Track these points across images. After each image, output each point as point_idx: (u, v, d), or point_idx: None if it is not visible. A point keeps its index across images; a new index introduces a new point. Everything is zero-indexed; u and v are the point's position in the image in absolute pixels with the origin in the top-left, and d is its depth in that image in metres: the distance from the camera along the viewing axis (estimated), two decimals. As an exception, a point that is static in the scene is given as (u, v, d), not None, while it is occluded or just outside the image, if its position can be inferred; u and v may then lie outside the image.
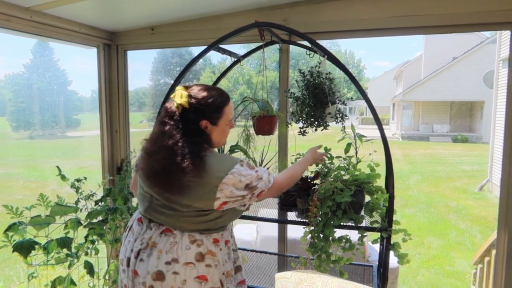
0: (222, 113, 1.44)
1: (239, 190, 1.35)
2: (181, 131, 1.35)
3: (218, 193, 1.33)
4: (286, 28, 1.89)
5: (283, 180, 1.51)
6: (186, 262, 1.35)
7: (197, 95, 1.40)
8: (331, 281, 1.05)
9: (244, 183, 1.35)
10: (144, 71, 55.18)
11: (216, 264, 1.40)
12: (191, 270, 1.35)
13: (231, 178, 1.34)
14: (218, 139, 1.48)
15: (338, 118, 2.02)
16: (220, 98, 1.44)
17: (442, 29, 2.22)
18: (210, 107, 1.41)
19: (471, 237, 6.47)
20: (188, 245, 1.37)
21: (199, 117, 1.39)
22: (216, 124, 1.43)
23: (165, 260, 1.35)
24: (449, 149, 17.68)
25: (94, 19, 2.51)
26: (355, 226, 1.72)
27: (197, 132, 1.38)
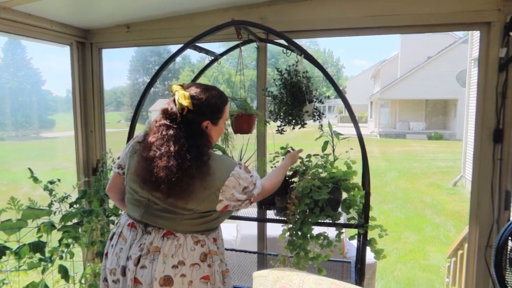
0: (223, 113, 1.46)
1: (239, 193, 1.38)
2: (184, 135, 1.33)
3: (221, 196, 1.35)
4: (262, 26, 1.89)
5: (269, 187, 1.55)
6: (193, 263, 1.36)
7: (200, 96, 1.38)
8: (308, 278, 1.06)
9: (242, 186, 1.39)
10: (121, 70, 54.18)
11: (219, 263, 1.44)
12: (197, 271, 1.36)
13: (232, 181, 1.36)
14: (215, 138, 1.51)
15: (315, 116, 2.03)
16: (221, 98, 1.46)
17: (416, 28, 2.27)
18: (213, 107, 1.41)
19: (445, 231, 6.68)
20: (193, 247, 1.37)
21: (201, 117, 1.38)
22: (217, 124, 1.45)
23: (172, 264, 1.33)
24: (425, 146, 18.17)
25: (66, 17, 2.44)
26: (333, 223, 1.74)
27: (200, 134, 1.38)
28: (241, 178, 1.39)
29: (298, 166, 1.97)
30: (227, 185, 1.35)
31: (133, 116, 2.02)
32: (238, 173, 1.39)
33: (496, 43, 2.04)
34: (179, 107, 1.34)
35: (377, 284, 4.30)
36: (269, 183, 1.56)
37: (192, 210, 1.35)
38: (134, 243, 1.38)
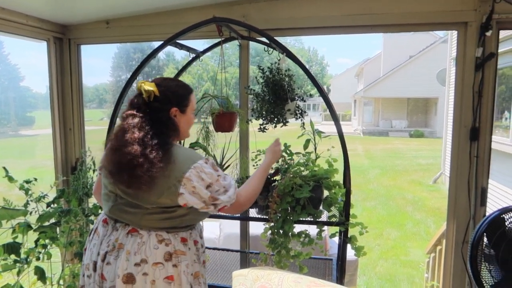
0: (189, 101, 1.46)
1: (201, 189, 1.31)
2: (150, 122, 1.33)
3: (181, 189, 1.29)
4: (244, 24, 1.88)
5: (244, 199, 1.46)
6: (155, 262, 1.32)
7: (165, 83, 1.42)
8: (287, 277, 1.06)
9: (206, 182, 1.32)
10: (104, 67, 53.18)
11: (186, 264, 1.38)
12: (160, 270, 1.32)
13: (193, 173, 1.30)
14: (185, 128, 1.48)
15: (297, 114, 2.03)
16: (185, 86, 1.48)
17: (397, 27, 2.30)
18: (179, 94, 1.43)
19: (426, 227, 6.82)
20: (156, 245, 1.33)
21: (168, 104, 1.39)
22: (185, 112, 1.44)
23: (135, 262, 1.31)
24: (407, 143, 18.51)
25: (43, 11, 2.37)
26: (314, 221, 1.75)
27: (166, 122, 1.38)
28: (204, 172, 1.32)
29: (280, 165, 1.97)
30: (188, 177, 1.29)
31: (113, 113, 1.98)
32: (201, 167, 1.33)
33: (472, 43, 2.08)
34: (145, 95, 1.35)
35: (359, 280, 4.35)
36: (244, 195, 1.45)
37: (154, 203, 1.32)
38: (104, 239, 1.39)
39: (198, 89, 33.25)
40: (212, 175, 1.35)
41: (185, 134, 1.51)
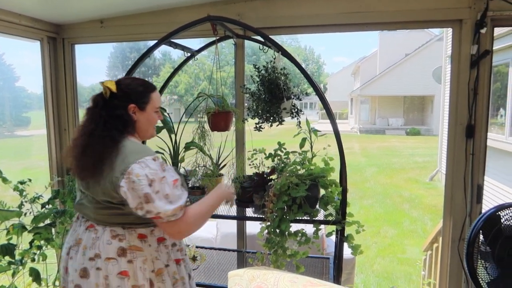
0: (150, 98, 1.45)
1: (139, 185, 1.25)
2: (104, 117, 1.36)
3: (122, 181, 1.26)
4: (239, 22, 1.87)
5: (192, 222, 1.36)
6: (108, 257, 1.32)
7: (125, 81, 1.45)
8: (283, 277, 1.06)
9: (149, 179, 1.26)
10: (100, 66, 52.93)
11: (143, 260, 1.35)
12: (113, 266, 1.32)
13: (136, 167, 1.26)
14: (146, 126, 1.46)
15: (293, 113, 2.03)
16: (146, 84, 1.48)
17: (392, 25, 2.30)
18: (138, 91, 1.43)
19: (422, 225, 6.84)
20: (109, 240, 1.34)
21: (127, 101, 1.40)
22: (144, 109, 1.44)
23: (89, 256, 1.34)
24: (403, 141, 18.56)
25: (36, 11, 2.35)
26: (310, 220, 1.75)
27: (122, 117, 1.38)
28: (148, 167, 1.27)
29: (276, 163, 1.97)
30: (130, 171, 1.25)
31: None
32: (147, 163, 1.28)
33: (467, 40, 2.08)
34: (104, 91, 1.39)
35: (356, 278, 4.36)
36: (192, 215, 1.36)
37: (102, 196, 1.33)
38: (71, 233, 1.45)
39: (195, 88, 33.20)
40: (157, 172, 1.28)
41: (147, 132, 1.49)
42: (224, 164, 2.11)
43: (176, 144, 2.02)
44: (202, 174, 1.99)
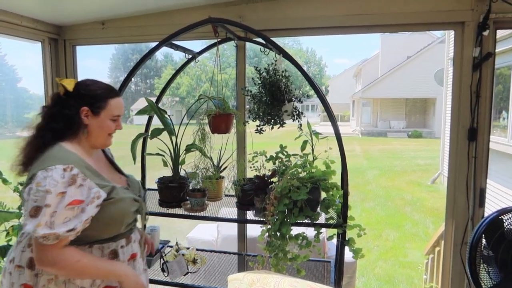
0: (107, 104, 1.37)
1: (33, 194, 1.15)
2: (53, 114, 1.33)
3: (27, 187, 1.19)
4: (240, 24, 1.86)
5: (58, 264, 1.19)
6: (18, 265, 1.27)
7: (86, 82, 1.40)
8: (283, 281, 1.04)
9: (44, 188, 1.14)
10: (101, 68, 53.06)
11: (49, 279, 1.23)
12: (20, 275, 1.25)
13: (40, 174, 1.17)
14: (97, 133, 1.36)
15: (294, 116, 2.02)
16: (108, 90, 1.40)
17: (394, 27, 2.29)
18: (95, 94, 1.36)
19: (424, 228, 6.81)
20: (24, 247, 1.28)
21: (81, 103, 1.34)
22: (98, 115, 1.36)
23: (10, 258, 1.32)
24: (405, 144, 18.52)
25: (38, 12, 2.35)
26: (311, 223, 1.74)
27: (71, 118, 1.32)
28: (51, 177, 1.15)
29: (277, 166, 1.95)
30: (34, 177, 1.17)
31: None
32: (52, 171, 1.16)
33: (470, 43, 2.07)
34: (60, 89, 1.35)
35: (358, 281, 4.34)
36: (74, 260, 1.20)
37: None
38: None
39: (197, 90, 33.24)
40: (57, 185, 1.15)
41: (97, 139, 1.38)
42: (225, 166, 2.10)
43: (177, 146, 2.01)
44: (202, 177, 1.98)
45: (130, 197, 1.38)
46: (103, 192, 1.26)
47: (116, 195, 1.30)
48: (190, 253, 2.13)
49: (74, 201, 1.18)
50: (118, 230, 1.34)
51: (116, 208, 1.30)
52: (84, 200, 1.20)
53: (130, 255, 1.42)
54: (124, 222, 1.35)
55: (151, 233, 2.09)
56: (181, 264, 2.06)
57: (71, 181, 1.19)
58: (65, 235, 1.16)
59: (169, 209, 1.99)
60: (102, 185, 1.28)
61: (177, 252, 2.11)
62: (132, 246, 1.43)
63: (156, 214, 2.00)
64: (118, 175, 1.52)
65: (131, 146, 1.96)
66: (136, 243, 1.47)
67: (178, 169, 2.04)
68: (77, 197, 1.18)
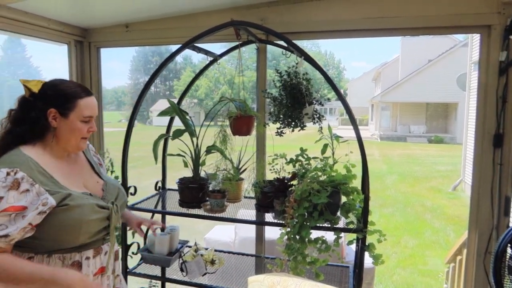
0: (75, 105, 1.27)
1: None
2: (16, 119, 1.26)
3: None
4: (262, 27, 1.87)
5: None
6: None
7: (53, 82, 1.31)
8: (304, 284, 1.04)
9: None
10: (122, 70, 54.12)
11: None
12: None
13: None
14: (67, 136, 1.29)
15: (315, 118, 2.01)
16: (77, 89, 1.31)
17: (416, 31, 2.26)
18: (62, 94, 1.27)
19: (445, 236, 6.65)
20: None
21: (47, 104, 1.25)
22: (67, 116, 1.27)
23: None
24: (425, 149, 18.15)
25: (64, 15, 2.43)
26: (331, 227, 1.72)
27: (37, 121, 1.25)
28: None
29: (297, 169, 1.95)
30: None
31: (131, 115, 2.01)
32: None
33: (496, 47, 2.02)
34: (25, 90, 1.28)
35: (375, 288, 4.27)
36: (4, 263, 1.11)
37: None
38: None
39: (215, 92, 33.50)
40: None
41: (68, 142, 1.31)
42: (245, 168, 2.11)
43: (198, 148, 2.04)
44: (222, 178, 2.00)
45: (91, 203, 1.27)
46: (52, 199, 1.17)
47: (71, 202, 1.21)
48: (209, 254, 2.14)
49: (11, 207, 1.11)
50: (78, 240, 1.24)
51: (71, 215, 1.21)
52: (27, 206, 1.13)
53: (98, 269, 1.32)
54: (83, 231, 1.24)
55: (171, 233, 2.12)
56: (199, 264, 2.07)
57: (12, 185, 1.12)
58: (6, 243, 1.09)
59: (189, 209, 2.01)
60: (54, 191, 1.20)
61: (195, 252, 2.13)
62: (101, 258, 1.34)
63: (176, 214, 2.02)
64: (95, 178, 1.44)
65: (153, 147, 1.99)
66: (109, 255, 1.36)
67: (199, 170, 2.07)
68: (17, 203, 1.11)
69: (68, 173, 1.31)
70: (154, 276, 2.19)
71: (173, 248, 2.13)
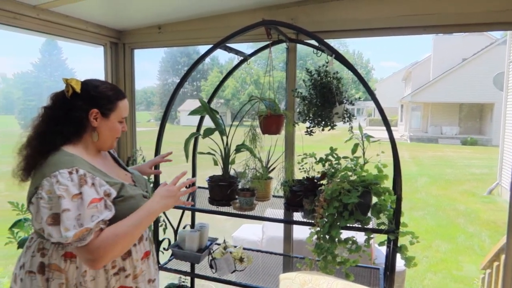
0: (116, 106, 1.34)
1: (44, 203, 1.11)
2: (58, 118, 1.27)
3: (34, 198, 1.15)
4: (293, 26, 1.87)
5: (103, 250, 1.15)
6: (29, 270, 1.24)
7: (93, 83, 1.34)
8: (336, 283, 1.03)
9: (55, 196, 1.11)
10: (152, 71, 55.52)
11: (60, 283, 1.21)
12: (32, 281, 1.23)
13: (47, 182, 1.13)
14: (106, 136, 1.34)
15: (345, 118, 1.99)
16: (115, 91, 1.37)
17: (450, 28, 2.18)
18: (104, 96, 1.32)
19: (480, 241, 6.38)
20: (34, 252, 1.25)
21: (90, 105, 1.29)
22: (108, 117, 1.32)
23: (20, 264, 1.30)
24: (458, 151, 17.49)
25: (101, 18, 2.52)
26: (362, 227, 1.70)
27: (80, 121, 1.28)
28: (58, 182, 1.12)
29: (326, 169, 1.93)
30: (42, 185, 1.13)
31: (163, 116, 2.05)
32: (58, 177, 1.13)
33: (541, 43, 1.92)
34: (66, 89, 1.29)
35: (405, 292, 4.15)
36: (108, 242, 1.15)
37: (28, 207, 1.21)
38: None
39: (241, 92, 33.69)
40: (68, 189, 1.12)
41: (106, 142, 1.36)
42: (274, 167, 2.12)
43: (228, 146, 2.06)
44: (251, 176, 2.01)
45: (139, 193, 1.36)
46: (113, 190, 1.24)
47: (125, 193, 1.28)
48: (237, 252, 2.16)
49: (94, 199, 1.16)
50: None
51: (127, 206, 1.27)
52: (102, 197, 1.19)
53: (144, 253, 1.39)
54: None
55: (201, 230, 2.15)
56: (228, 261, 2.10)
57: (82, 182, 1.16)
58: (97, 227, 1.14)
59: (218, 207, 2.04)
60: (112, 182, 1.26)
61: (224, 250, 2.16)
62: (144, 244, 1.41)
63: (206, 211, 2.05)
64: (123, 172, 1.50)
65: (184, 145, 2.03)
66: (148, 241, 1.44)
67: (228, 168, 2.09)
68: (94, 196, 1.16)
69: (107, 169, 1.36)
70: (184, 271, 2.23)
71: (202, 245, 2.17)
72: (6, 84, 33.45)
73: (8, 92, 31.05)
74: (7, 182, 1.33)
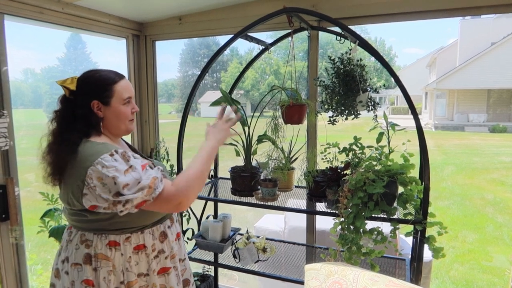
0: (113, 91, 1.33)
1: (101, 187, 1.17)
2: (67, 118, 1.31)
3: (85, 189, 1.19)
4: (316, 13, 1.82)
5: (181, 187, 1.25)
6: (74, 262, 1.29)
7: (84, 76, 1.35)
8: (363, 274, 1.02)
9: (108, 178, 1.16)
10: (172, 63, 56.05)
11: (108, 270, 1.27)
12: (79, 272, 1.27)
13: (94, 170, 1.17)
14: (115, 122, 1.36)
15: (369, 106, 1.94)
16: (110, 75, 1.36)
17: (479, 10, 2.07)
18: (98, 85, 1.33)
19: (510, 231, 6.18)
20: (78, 245, 1.29)
21: (89, 98, 1.31)
22: (109, 104, 1.33)
23: (61, 259, 1.34)
24: (486, 139, 16.89)
25: (123, 10, 2.54)
26: (388, 218, 1.66)
27: (86, 116, 1.30)
28: (106, 167, 1.17)
29: (350, 158, 1.90)
30: (89, 175, 1.17)
31: (185, 107, 2.06)
32: (103, 162, 1.17)
33: None
34: (64, 91, 1.32)
35: (431, 283, 4.09)
36: (180, 183, 1.25)
37: (68, 204, 1.27)
38: None
39: (261, 83, 33.56)
40: (117, 168, 1.18)
41: (119, 128, 1.38)
42: (296, 157, 2.10)
43: (249, 137, 2.05)
44: (274, 167, 2.00)
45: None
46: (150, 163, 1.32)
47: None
48: (260, 242, 2.17)
49: (143, 165, 1.24)
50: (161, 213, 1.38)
51: None
52: (147, 163, 1.27)
53: (176, 234, 1.48)
54: None
55: (224, 220, 2.17)
56: (251, 251, 2.11)
57: (126, 157, 1.22)
58: (160, 174, 1.25)
59: (241, 197, 2.04)
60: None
61: (247, 240, 2.17)
62: (176, 226, 1.49)
63: (229, 202, 2.06)
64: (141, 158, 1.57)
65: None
66: (178, 223, 1.54)
67: (250, 159, 2.09)
68: (142, 163, 1.24)
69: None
70: (207, 261, 2.26)
71: (225, 235, 2.19)
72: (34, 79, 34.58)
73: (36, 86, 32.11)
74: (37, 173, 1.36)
